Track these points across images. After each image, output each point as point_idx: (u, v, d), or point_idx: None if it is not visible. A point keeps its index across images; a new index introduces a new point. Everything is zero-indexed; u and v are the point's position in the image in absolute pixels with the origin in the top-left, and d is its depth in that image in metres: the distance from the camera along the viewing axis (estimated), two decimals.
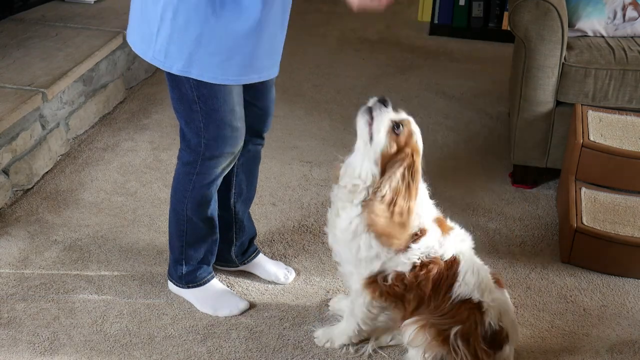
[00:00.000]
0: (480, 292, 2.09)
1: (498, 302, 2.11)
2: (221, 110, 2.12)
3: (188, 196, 2.29)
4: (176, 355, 2.26)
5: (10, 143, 2.93)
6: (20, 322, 2.36)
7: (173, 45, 2.02)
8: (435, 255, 2.07)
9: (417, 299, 2.10)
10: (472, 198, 3.10)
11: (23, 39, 3.60)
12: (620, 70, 2.99)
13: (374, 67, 4.43)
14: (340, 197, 2.11)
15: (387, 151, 2.00)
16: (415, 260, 2.06)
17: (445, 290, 2.09)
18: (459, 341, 2.06)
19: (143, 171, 3.23)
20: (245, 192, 2.47)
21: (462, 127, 3.71)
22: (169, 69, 2.07)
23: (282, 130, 3.61)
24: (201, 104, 2.12)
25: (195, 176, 2.25)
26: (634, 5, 3.20)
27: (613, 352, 2.35)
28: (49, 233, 2.79)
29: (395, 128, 1.99)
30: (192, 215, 2.32)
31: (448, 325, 2.07)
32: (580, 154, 2.84)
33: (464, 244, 2.14)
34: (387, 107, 2.02)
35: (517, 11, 2.96)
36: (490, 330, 2.08)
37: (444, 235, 2.10)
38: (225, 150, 2.20)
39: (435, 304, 2.09)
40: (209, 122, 2.14)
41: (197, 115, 2.14)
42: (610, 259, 2.66)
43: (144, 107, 3.80)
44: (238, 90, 2.15)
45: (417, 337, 2.09)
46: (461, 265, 2.09)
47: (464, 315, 2.07)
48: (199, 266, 2.42)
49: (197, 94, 2.10)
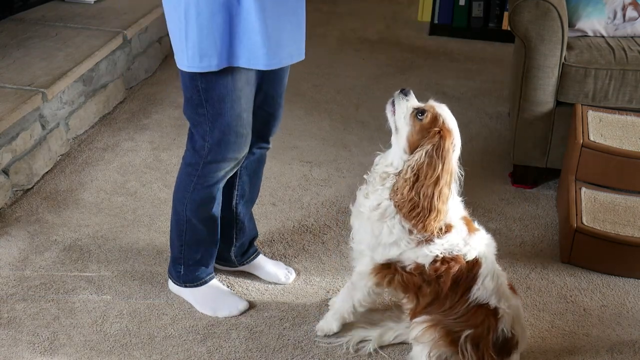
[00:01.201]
0: (498, 298, 2.08)
1: (513, 310, 2.10)
2: (227, 115, 2.11)
3: (188, 197, 2.29)
4: (176, 355, 2.26)
5: (10, 143, 2.93)
6: (20, 322, 2.36)
7: (205, 41, 2.01)
8: (459, 253, 2.07)
9: (433, 293, 2.09)
10: (472, 198, 3.10)
11: (23, 39, 3.60)
12: (620, 70, 2.99)
13: (374, 67, 4.43)
14: (372, 182, 2.13)
15: (413, 137, 2.02)
16: (437, 254, 2.05)
17: (462, 291, 2.08)
18: (469, 345, 2.05)
19: (143, 171, 3.23)
20: (248, 193, 2.46)
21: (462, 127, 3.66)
22: (208, 68, 2.03)
23: (282, 130, 3.60)
24: (209, 107, 2.11)
25: (196, 178, 2.25)
26: (634, 5, 3.20)
27: (613, 352, 2.35)
28: (49, 233, 2.79)
29: (419, 115, 2.02)
30: (191, 217, 2.32)
31: (460, 328, 2.07)
32: (580, 154, 2.84)
33: (488, 248, 2.13)
34: (408, 96, 2.06)
35: (517, 11, 2.96)
36: (502, 337, 2.07)
37: (470, 235, 2.09)
38: (228, 156, 2.19)
39: (450, 304, 2.08)
40: (214, 127, 2.13)
41: (203, 118, 2.14)
42: (610, 259, 2.66)
43: (144, 107, 3.80)
44: (247, 96, 2.14)
45: (426, 334, 2.09)
46: (482, 269, 2.08)
47: (478, 319, 2.06)
48: (196, 266, 2.42)
49: (205, 97, 2.10)
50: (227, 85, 2.08)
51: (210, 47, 2.01)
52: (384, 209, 2.08)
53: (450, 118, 2.05)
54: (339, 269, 2.66)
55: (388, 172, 2.08)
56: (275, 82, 2.27)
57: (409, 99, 2.07)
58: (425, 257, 2.06)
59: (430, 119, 2.02)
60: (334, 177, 3.24)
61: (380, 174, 2.10)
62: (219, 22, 1.99)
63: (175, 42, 2.07)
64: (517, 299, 2.17)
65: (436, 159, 1.97)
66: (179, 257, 2.42)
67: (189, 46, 2.02)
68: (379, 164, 2.12)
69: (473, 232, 2.11)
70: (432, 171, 1.97)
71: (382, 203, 2.08)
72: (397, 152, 2.07)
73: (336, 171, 3.28)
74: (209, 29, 1.99)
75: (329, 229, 2.89)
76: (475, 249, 2.09)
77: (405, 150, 2.04)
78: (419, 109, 2.04)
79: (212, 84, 2.07)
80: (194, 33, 2.00)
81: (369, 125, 3.69)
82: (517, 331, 2.10)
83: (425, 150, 1.98)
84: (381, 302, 2.44)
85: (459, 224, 2.09)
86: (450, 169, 2.01)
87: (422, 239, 2.05)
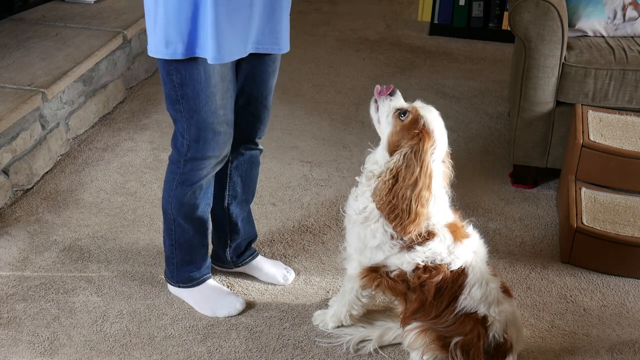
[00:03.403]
0: (487, 306, 2.06)
1: (504, 314, 2.08)
2: (202, 111, 2.11)
3: (172, 195, 2.29)
4: (176, 355, 2.26)
5: (10, 143, 2.93)
6: (20, 322, 2.36)
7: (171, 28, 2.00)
8: (442, 262, 2.04)
9: (418, 301, 2.09)
10: (472, 198, 3.10)
11: (23, 39, 3.60)
12: (620, 70, 2.99)
13: (374, 67, 4.43)
14: (362, 182, 2.13)
15: (393, 138, 2.02)
16: (418, 262, 2.04)
17: (448, 300, 2.06)
18: (459, 351, 2.05)
19: (143, 171, 3.23)
20: (240, 194, 2.45)
21: (462, 127, 3.71)
22: (174, 55, 2.03)
23: (282, 130, 3.61)
24: (184, 103, 2.11)
25: (178, 176, 2.25)
26: (634, 5, 3.20)
27: (613, 352, 2.35)
28: (49, 233, 2.79)
29: (401, 115, 2.01)
30: (176, 215, 2.32)
31: (449, 335, 2.06)
32: (580, 154, 2.84)
33: (476, 256, 2.10)
34: (393, 96, 2.05)
35: (517, 11, 2.96)
36: (494, 343, 2.05)
37: (456, 244, 2.06)
38: (207, 153, 2.18)
39: (436, 312, 2.07)
40: (191, 123, 2.14)
41: (180, 115, 2.14)
42: (610, 259, 2.66)
43: (144, 107, 3.80)
44: (222, 93, 2.13)
45: (417, 340, 2.10)
46: (469, 279, 2.06)
47: (467, 327, 2.05)
48: (186, 266, 2.42)
49: (180, 94, 2.10)
50: (200, 81, 2.07)
51: (176, 34, 2.01)
52: (369, 212, 2.07)
53: (433, 120, 2.00)
54: (339, 269, 2.66)
55: (374, 172, 2.08)
56: (258, 84, 2.25)
57: (393, 99, 2.05)
58: (407, 264, 2.06)
59: (411, 120, 1.99)
60: (334, 177, 3.24)
61: (366, 174, 2.11)
62: (185, 9, 1.99)
63: (148, 28, 2.08)
64: (511, 301, 2.15)
65: (414, 162, 1.94)
66: (170, 256, 2.42)
67: (157, 32, 2.03)
68: (368, 162, 2.13)
69: (460, 240, 2.07)
70: (410, 174, 1.94)
71: (368, 206, 2.08)
72: (382, 150, 2.08)
73: (336, 171, 3.28)
74: (175, 15, 1.99)
75: (329, 229, 2.89)
76: (460, 258, 2.06)
77: (387, 149, 2.04)
78: (402, 109, 2.02)
79: (185, 80, 2.07)
80: (161, 18, 2.01)
81: (369, 125, 3.65)
82: (511, 334, 2.08)
83: (404, 153, 1.96)
84: (381, 302, 2.45)
85: (443, 232, 2.05)
86: (429, 172, 1.97)
87: (403, 245, 2.04)
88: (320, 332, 2.36)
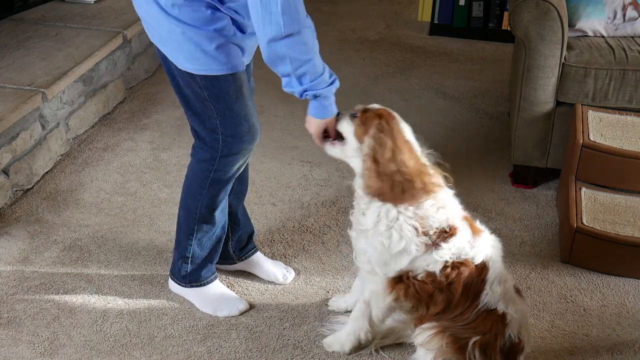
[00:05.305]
0: (505, 304, 2.05)
1: (520, 314, 2.08)
2: (235, 106, 2.14)
3: (204, 194, 2.29)
4: (176, 355, 2.26)
5: (10, 143, 2.93)
6: (20, 322, 2.36)
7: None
8: (466, 257, 2.04)
9: (445, 301, 2.06)
10: (472, 198, 3.10)
11: (23, 39, 3.60)
12: (620, 70, 2.99)
13: (374, 67, 4.43)
14: (360, 200, 2.12)
15: (358, 132, 2.07)
16: (446, 259, 2.02)
17: (473, 297, 2.05)
18: (477, 351, 2.03)
19: (143, 171, 3.23)
20: (236, 186, 2.46)
21: (462, 127, 3.71)
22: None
23: (282, 130, 3.61)
24: (213, 102, 2.12)
25: (212, 173, 2.25)
26: (634, 5, 3.20)
27: (613, 352, 2.35)
28: (49, 233, 2.79)
29: (353, 115, 2.09)
30: (206, 213, 2.32)
31: (468, 335, 2.04)
32: (580, 154, 2.84)
33: (494, 250, 2.10)
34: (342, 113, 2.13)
35: (517, 11, 2.96)
36: (509, 342, 2.05)
37: (475, 237, 2.06)
38: (243, 147, 2.21)
39: (461, 310, 2.06)
40: (224, 119, 2.15)
41: (211, 112, 2.14)
42: (610, 259, 2.66)
43: (144, 107, 3.80)
44: (245, 83, 2.16)
45: (433, 340, 2.07)
46: (490, 273, 2.06)
47: (487, 325, 2.04)
48: (203, 265, 2.42)
49: (207, 94, 2.11)
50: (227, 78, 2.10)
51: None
52: (385, 215, 2.05)
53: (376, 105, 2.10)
54: (339, 269, 2.66)
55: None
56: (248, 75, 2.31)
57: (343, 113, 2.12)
58: (435, 264, 2.03)
59: (362, 110, 2.08)
60: (334, 177, 3.24)
61: (361, 196, 2.11)
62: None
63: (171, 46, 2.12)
64: (524, 302, 2.15)
65: (383, 137, 2.00)
66: (186, 256, 2.41)
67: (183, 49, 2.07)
68: (357, 188, 2.12)
69: (477, 234, 2.08)
70: (386, 148, 2.00)
71: (381, 212, 2.06)
72: (355, 160, 2.09)
73: (336, 171, 3.28)
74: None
75: (329, 229, 2.89)
76: (482, 252, 2.06)
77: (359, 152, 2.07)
78: (351, 112, 2.10)
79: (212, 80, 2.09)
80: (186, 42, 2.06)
81: None
82: (524, 336, 2.08)
83: (371, 134, 2.02)
84: None
85: (463, 225, 2.06)
86: (402, 138, 2.02)
87: (429, 243, 2.02)
88: (320, 332, 2.36)
